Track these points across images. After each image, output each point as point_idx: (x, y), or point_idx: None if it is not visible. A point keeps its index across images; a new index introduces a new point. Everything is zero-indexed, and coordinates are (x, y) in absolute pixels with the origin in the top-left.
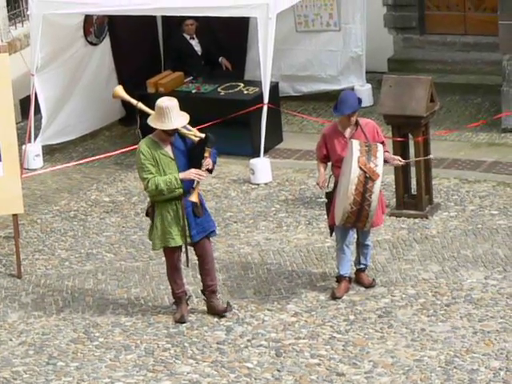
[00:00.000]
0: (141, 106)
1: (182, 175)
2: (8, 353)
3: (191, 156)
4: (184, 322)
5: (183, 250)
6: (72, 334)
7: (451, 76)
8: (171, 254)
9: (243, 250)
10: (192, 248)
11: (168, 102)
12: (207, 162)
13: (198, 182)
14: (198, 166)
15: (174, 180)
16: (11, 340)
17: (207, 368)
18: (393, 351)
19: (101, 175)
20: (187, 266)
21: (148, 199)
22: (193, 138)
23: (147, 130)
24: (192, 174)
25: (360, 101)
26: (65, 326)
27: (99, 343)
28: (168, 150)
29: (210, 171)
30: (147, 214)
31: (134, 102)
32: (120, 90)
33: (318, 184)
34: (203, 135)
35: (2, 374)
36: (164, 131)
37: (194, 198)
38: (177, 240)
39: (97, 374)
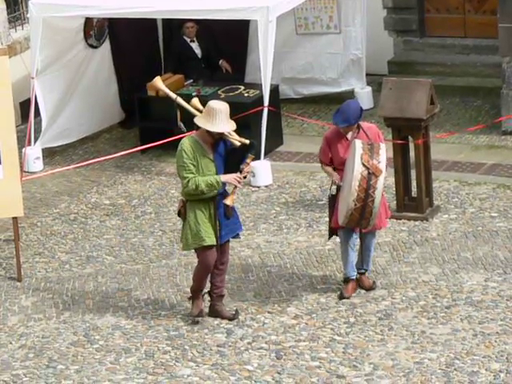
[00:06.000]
0: (180, 100)
1: (224, 178)
2: (8, 356)
3: (229, 159)
4: (202, 317)
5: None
6: (72, 337)
7: (451, 78)
8: (208, 253)
9: (244, 252)
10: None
11: (220, 105)
12: (248, 169)
13: (236, 187)
14: (236, 169)
15: (216, 182)
16: (11, 343)
17: (207, 371)
18: (393, 353)
19: (101, 178)
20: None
21: (181, 198)
22: (236, 142)
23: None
24: (233, 178)
25: (361, 111)
26: (65, 328)
27: (99, 346)
28: (209, 151)
29: (244, 177)
30: (179, 215)
31: (173, 95)
32: (158, 82)
33: (335, 183)
34: (248, 141)
35: (1, 377)
36: (209, 133)
37: (229, 201)
38: (212, 239)
39: (97, 377)
